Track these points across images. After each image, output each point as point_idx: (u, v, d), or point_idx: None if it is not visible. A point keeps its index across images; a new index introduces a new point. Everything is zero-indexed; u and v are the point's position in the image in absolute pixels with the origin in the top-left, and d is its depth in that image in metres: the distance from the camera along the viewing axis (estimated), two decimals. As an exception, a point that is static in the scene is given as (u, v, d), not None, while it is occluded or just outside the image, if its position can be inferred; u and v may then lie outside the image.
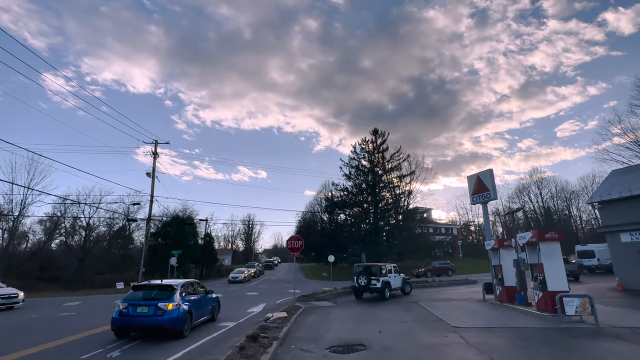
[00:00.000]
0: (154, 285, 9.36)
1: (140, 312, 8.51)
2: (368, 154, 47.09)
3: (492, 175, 15.35)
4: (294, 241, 13.68)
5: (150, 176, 30.98)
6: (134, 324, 8.52)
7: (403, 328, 9.38)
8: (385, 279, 16.35)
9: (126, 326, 8.62)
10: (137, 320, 8.48)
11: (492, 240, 14.26)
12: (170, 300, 8.69)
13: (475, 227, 75.56)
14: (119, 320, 8.55)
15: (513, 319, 10.31)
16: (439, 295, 17.34)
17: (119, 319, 8.57)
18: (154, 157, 31.57)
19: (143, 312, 8.51)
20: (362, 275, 16.24)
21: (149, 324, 8.42)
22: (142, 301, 8.74)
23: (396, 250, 39.21)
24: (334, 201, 47.43)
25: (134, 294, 9.09)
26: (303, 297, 15.93)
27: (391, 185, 46.10)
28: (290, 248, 13.69)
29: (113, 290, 25.79)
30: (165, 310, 8.49)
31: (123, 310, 8.63)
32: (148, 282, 10.14)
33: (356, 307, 14.21)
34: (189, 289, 9.92)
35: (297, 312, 11.47)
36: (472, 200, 16.23)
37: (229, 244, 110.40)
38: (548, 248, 10.40)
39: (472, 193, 16.14)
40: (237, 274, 30.76)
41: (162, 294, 8.94)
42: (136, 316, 8.49)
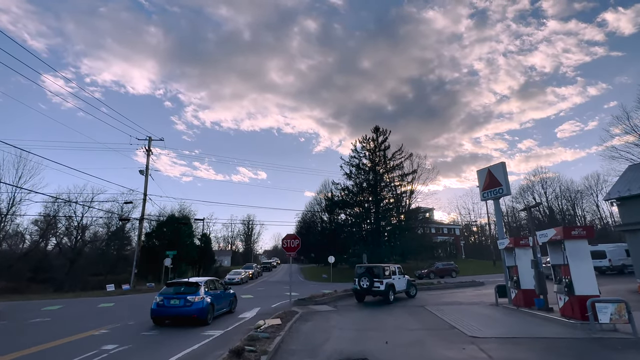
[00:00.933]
0: (183, 282, 11.35)
1: (173, 304, 10.34)
2: (369, 152, 45.92)
3: (505, 169, 14.20)
4: (290, 240, 12.54)
5: (144, 174, 29.87)
6: (168, 313, 10.35)
7: (412, 338, 8.22)
8: (389, 281, 15.20)
9: (162, 315, 10.43)
10: (170, 310, 10.30)
11: (506, 239, 13.10)
12: (197, 294, 10.54)
13: (478, 228, 74.43)
14: (157, 310, 10.40)
15: (536, 327, 9.15)
16: (447, 299, 16.18)
17: (156, 309, 10.40)
18: (148, 154, 30.48)
19: (175, 304, 10.35)
20: (364, 277, 15.08)
21: (180, 313, 10.23)
22: (174, 295, 10.58)
23: (398, 251, 38.03)
24: (334, 200, 46.25)
25: (167, 289, 10.99)
26: (300, 300, 14.77)
27: (393, 185, 44.98)
28: (286, 247, 12.55)
29: (103, 292, 24.60)
30: (192, 302, 10.32)
31: (159, 302, 10.42)
32: (178, 279, 12.71)
33: (358, 311, 13.06)
34: (210, 285, 11.76)
35: (292, 319, 10.31)
36: (482, 196, 15.07)
37: (229, 245, 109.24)
38: (575, 247, 9.24)
39: (483, 188, 14.98)
40: (233, 276, 29.54)
41: (189, 289, 10.80)
42: (170, 307, 10.32)
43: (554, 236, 9.67)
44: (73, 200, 35.32)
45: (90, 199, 37.17)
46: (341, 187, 46.03)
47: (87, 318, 12.01)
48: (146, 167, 29.99)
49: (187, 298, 10.35)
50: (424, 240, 42.82)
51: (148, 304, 16.47)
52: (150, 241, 37.13)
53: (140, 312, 13.39)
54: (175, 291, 10.77)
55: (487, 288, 20.56)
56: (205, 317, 10.42)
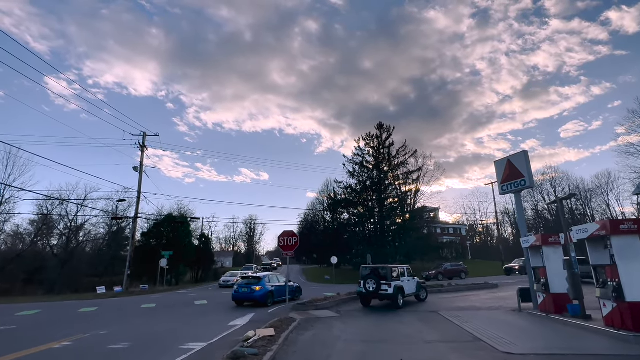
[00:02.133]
0: (251, 277, 16.33)
1: (243, 292, 14.82)
2: (373, 150, 44.43)
3: (528, 158, 12.72)
4: (288, 238, 11.12)
5: (138, 170, 28.60)
6: (240, 297, 14.85)
7: (432, 354, 6.79)
8: (398, 284, 13.75)
9: (238, 299, 14.93)
10: (242, 295, 14.80)
11: (531, 236, 11.62)
12: (259, 285, 14.78)
13: (483, 228, 72.65)
14: (234, 295, 15.00)
15: (579, 340, 7.67)
16: (461, 303, 14.70)
17: (234, 294, 15.01)
18: (142, 150, 29.21)
19: (244, 291, 14.80)
20: (370, 279, 13.64)
21: (248, 298, 14.70)
22: (245, 285, 15.04)
23: (403, 251, 36.54)
24: (337, 199, 44.85)
25: (241, 282, 15.63)
26: (300, 305, 13.36)
27: (397, 183, 43.49)
28: (283, 246, 11.15)
29: (93, 295, 23.32)
30: (255, 290, 14.58)
31: (236, 290, 15.06)
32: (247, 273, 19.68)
33: (364, 318, 11.62)
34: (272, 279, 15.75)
35: (289, 328, 8.90)
36: (501, 189, 13.59)
37: (231, 246, 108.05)
38: (624, 244, 7.76)
39: (502, 181, 13.50)
40: (229, 278, 28.04)
41: (254, 281, 15.13)
42: (241, 293, 14.83)
43: (597, 231, 8.19)
44: (64, 199, 34.12)
45: (84, 197, 35.96)
46: (344, 186, 44.61)
47: (59, 326, 10.67)
48: (140, 163, 28.74)
49: (252, 287, 14.75)
50: (430, 240, 41.25)
51: (134, 308, 15.20)
52: (147, 241, 35.90)
53: (122, 319, 12.04)
54: (246, 283, 15.28)
55: (502, 291, 19.05)
56: (264, 301, 14.61)
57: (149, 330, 9.64)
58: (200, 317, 12.19)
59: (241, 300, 14.89)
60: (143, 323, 10.96)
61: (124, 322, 11.28)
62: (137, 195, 28.33)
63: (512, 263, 35.65)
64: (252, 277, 16.03)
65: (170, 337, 8.65)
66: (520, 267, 33.33)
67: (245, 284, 15.08)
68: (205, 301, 16.96)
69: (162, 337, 8.59)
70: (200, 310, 13.87)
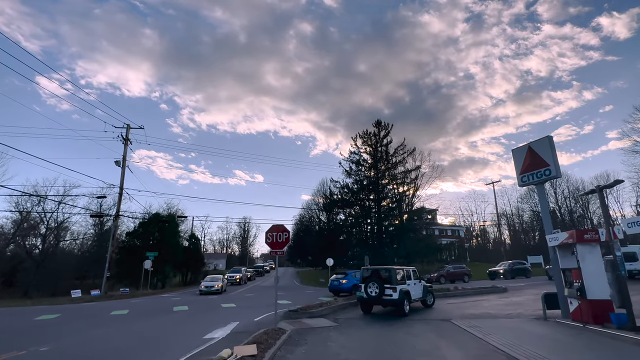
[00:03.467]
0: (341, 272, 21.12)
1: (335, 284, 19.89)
2: (370, 148, 42.89)
3: (553, 144, 11.15)
4: (277, 233, 9.31)
5: (120, 165, 26.68)
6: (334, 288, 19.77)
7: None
8: (404, 288, 12.07)
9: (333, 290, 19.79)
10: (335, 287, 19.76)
11: (559, 232, 10.01)
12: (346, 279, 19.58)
13: (479, 231, 71.34)
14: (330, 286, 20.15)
15: None
16: (473, 309, 13.06)
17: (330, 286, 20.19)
18: (125, 143, 27.31)
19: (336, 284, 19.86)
20: (372, 282, 11.95)
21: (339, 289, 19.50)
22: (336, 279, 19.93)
23: (403, 252, 34.89)
24: (333, 199, 43.11)
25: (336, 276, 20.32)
26: (292, 312, 11.62)
27: (395, 182, 41.93)
28: (271, 243, 9.38)
29: (68, 299, 21.31)
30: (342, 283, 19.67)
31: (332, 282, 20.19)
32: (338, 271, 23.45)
33: (367, 328, 9.92)
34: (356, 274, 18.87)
35: (276, 344, 7.17)
36: (520, 181, 12.00)
37: (224, 248, 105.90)
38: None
39: (522, 171, 11.92)
40: (211, 283, 24.51)
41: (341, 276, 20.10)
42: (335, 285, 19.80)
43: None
44: (41, 195, 31.96)
45: (63, 194, 33.80)
46: (340, 185, 42.88)
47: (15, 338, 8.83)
48: (123, 157, 26.82)
49: (341, 281, 18.92)
50: (430, 241, 39.67)
51: (102, 316, 13.22)
52: (132, 241, 33.80)
53: (80, 330, 10.19)
54: (337, 277, 19.34)
55: (513, 295, 17.48)
56: (351, 291, 18.17)
57: (103, 346, 7.85)
58: (174, 326, 10.40)
59: (337, 292, 19.34)
60: (101, 336, 9.15)
61: (79, 334, 9.46)
62: (119, 191, 26.39)
63: (497, 266, 34.06)
64: (341, 273, 20.68)
65: (122, 357, 6.86)
66: (506, 270, 31.73)
67: (337, 278, 19.95)
68: (186, 307, 15.12)
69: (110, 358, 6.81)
70: (176, 319, 12.06)
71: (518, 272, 32.67)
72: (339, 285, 19.52)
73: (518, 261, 35.60)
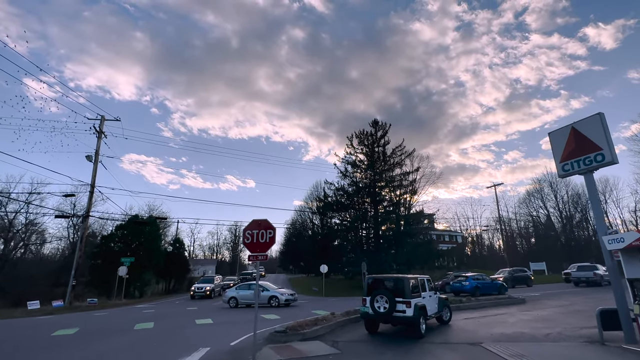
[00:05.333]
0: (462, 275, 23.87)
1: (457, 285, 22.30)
2: (367, 148, 40.75)
3: (605, 124, 8.99)
4: (259, 231, 6.80)
5: (92, 160, 24.01)
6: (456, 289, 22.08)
7: None
8: (419, 302, 9.71)
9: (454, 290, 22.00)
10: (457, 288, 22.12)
11: (629, 232, 7.77)
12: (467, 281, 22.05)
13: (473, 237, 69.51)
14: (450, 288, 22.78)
15: None
16: (500, 327, 10.75)
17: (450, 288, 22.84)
18: (99, 137, 24.68)
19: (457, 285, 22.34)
20: (380, 295, 9.56)
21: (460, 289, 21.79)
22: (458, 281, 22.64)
23: (402, 259, 32.56)
24: (328, 201, 40.73)
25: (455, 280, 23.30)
26: (279, 334, 9.13)
27: (393, 184, 39.77)
28: (250, 244, 6.87)
29: (21, 311, 18.45)
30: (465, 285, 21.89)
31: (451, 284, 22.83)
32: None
33: (376, 357, 7.52)
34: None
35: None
36: (562, 170, 9.78)
37: (214, 254, 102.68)
38: None
39: (564, 158, 9.71)
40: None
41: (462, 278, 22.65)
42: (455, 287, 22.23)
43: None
44: (3, 193, 28.90)
45: (29, 192, 30.76)
46: (335, 187, 40.55)
47: None
48: (96, 152, 24.15)
49: (462, 283, 21.72)
50: (430, 247, 37.43)
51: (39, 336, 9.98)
52: (107, 246, 30.89)
53: None
54: (459, 280, 22.34)
55: (534, 307, 15.26)
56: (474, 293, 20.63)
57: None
58: (121, 355, 7.87)
59: (457, 292, 21.23)
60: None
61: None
62: (90, 189, 23.67)
63: (497, 274, 31.68)
64: (462, 275, 23.03)
65: None
66: (506, 278, 29.29)
67: (458, 280, 22.37)
68: (152, 324, 12.50)
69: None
70: (131, 343, 9.48)
71: (519, 280, 30.49)
72: (461, 287, 21.66)
73: (519, 268, 33.48)
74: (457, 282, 22.66)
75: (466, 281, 21.97)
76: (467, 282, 21.87)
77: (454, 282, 22.94)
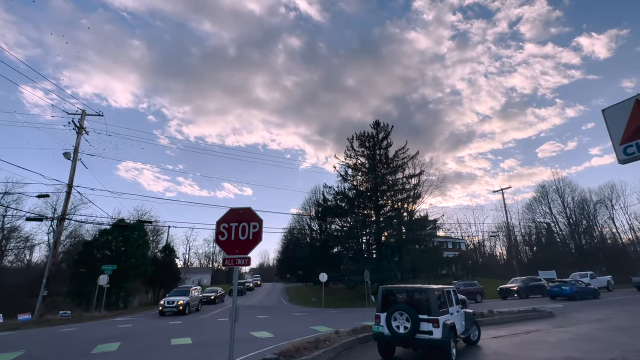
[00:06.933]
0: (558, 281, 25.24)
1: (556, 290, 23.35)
2: (368, 150, 38.88)
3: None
4: (237, 224, 4.79)
5: (70, 158, 21.97)
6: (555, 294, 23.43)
7: None
8: (448, 320, 7.67)
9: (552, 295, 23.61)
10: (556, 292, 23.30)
11: None
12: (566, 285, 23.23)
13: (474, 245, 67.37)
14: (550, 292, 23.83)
15: None
16: (545, 351, 8.69)
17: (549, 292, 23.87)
18: (79, 133, 22.71)
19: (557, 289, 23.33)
20: (399, 311, 7.52)
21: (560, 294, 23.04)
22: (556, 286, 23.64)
23: (408, 267, 30.43)
24: (328, 206, 38.69)
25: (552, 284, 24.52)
26: (269, 362, 7.04)
27: (396, 188, 37.81)
28: (226, 242, 4.83)
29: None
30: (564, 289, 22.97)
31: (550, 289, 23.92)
32: None
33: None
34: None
35: None
36: (623, 153, 7.63)
37: (210, 262, 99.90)
38: None
39: (625, 139, 7.60)
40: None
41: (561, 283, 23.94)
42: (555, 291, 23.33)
43: None
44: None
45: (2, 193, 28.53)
46: (335, 191, 38.58)
47: None
48: (75, 149, 22.12)
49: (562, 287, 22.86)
50: (436, 254, 35.31)
51: None
52: (89, 253, 28.61)
53: None
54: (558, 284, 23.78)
55: (567, 322, 13.20)
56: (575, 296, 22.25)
57: None
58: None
59: (554, 296, 22.85)
60: None
61: None
62: (67, 190, 21.57)
63: (509, 283, 29.51)
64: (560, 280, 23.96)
65: None
66: (520, 288, 27.17)
67: (556, 285, 23.35)
68: (116, 344, 10.33)
69: None
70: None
71: (533, 290, 28.35)
72: (561, 291, 22.66)
73: (532, 277, 31.37)
74: (556, 287, 23.48)
75: (565, 285, 22.97)
76: (566, 286, 22.83)
77: (553, 287, 23.76)
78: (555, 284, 24.12)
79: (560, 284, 23.69)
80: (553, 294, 23.36)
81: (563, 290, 22.77)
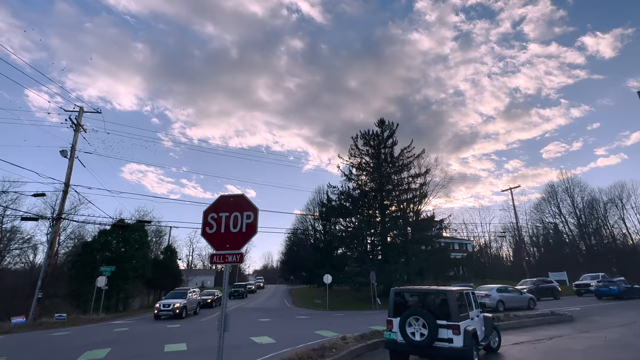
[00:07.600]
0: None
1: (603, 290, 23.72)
2: (373, 149, 38.04)
3: None
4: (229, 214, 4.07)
5: (67, 156, 21.40)
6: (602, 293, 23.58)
7: None
8: (469, 325, 6.83)
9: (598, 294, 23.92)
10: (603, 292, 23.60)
11: None
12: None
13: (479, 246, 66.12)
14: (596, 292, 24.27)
15: None
16: (568, 356, 7.82)
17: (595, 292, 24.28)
18: (76, 130, 22.13)
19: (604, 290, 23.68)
20: (414, 316, 6.70)
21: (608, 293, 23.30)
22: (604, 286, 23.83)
23: (415, 268, 29.49)
24: (332, 205, 37.86)
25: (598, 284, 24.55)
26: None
27: (401, 187, 36.91)
28: (214, 235, 4.09)
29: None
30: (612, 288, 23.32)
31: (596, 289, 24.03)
32: None
33: None
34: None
35: None
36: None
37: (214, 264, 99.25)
38: None
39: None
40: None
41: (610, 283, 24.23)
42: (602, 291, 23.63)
43: None
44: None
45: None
46: (339, 191, 37.75)
47: None
48: (72, 146, 21.55)
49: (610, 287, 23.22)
50: (443, 255, 34.34)
51: None
52: (88, 254, 28.00)
53: None
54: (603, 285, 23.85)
55: (591, 327, 12.25)
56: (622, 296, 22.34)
57: None
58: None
59: (601, 295, 23.16)
60: None
61: None
62: (64, 189, 20.97)
63: (520, 285, 27.01)
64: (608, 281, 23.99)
65: None
66: (531, 290, 24.27)
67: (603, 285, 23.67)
68: (106, 351, 9.58)
69: None
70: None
71: (545, 292, 27.22)
72: (609, 291, 22.96)
73: (543, 279, 30.25)
74: (604, 287, 23.73)
75: (613, 285, 23.34)
76: (614, 286, 23.22)
77: (600, 286, 24.00)
78: (603, 284, 24.36)
79: (608, 284, 24.02)
80: (600, 294, 23.56)
81: (611, 290, 23.08)
